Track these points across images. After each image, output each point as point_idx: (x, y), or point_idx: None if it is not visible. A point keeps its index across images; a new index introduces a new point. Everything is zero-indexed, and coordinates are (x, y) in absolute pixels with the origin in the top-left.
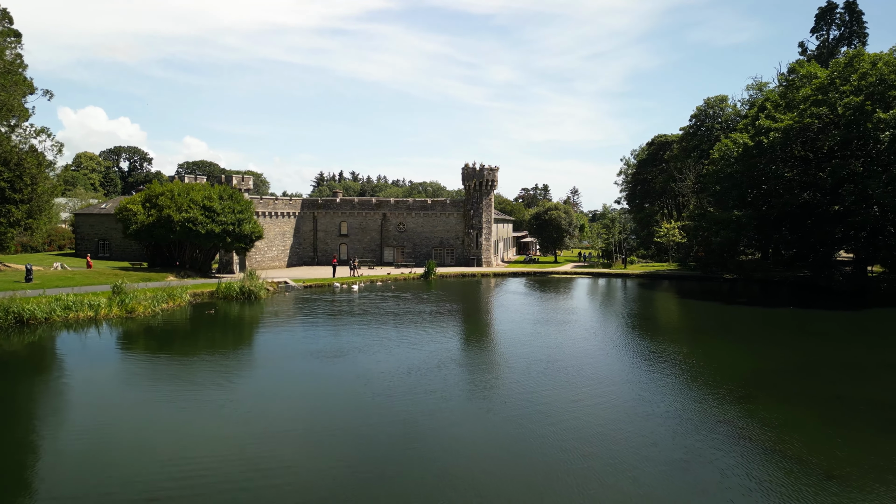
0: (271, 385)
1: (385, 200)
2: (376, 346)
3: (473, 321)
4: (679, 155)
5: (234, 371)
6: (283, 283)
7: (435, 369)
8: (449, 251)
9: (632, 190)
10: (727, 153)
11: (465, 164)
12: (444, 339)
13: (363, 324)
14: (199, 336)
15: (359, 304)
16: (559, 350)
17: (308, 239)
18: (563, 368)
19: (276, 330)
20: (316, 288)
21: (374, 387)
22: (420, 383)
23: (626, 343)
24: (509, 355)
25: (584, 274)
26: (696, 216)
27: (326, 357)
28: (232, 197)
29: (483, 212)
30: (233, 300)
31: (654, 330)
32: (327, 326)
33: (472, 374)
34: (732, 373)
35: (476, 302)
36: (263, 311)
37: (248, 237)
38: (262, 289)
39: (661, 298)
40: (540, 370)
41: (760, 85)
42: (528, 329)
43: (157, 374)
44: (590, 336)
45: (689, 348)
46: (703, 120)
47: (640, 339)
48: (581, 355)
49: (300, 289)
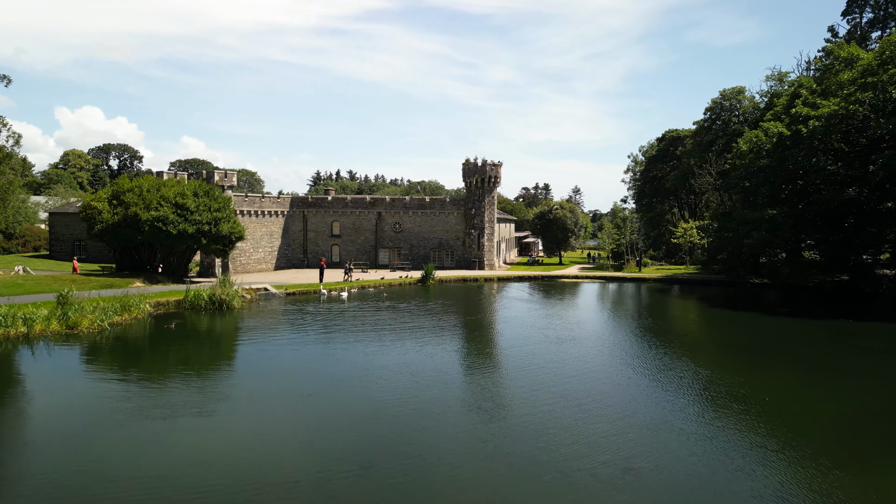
0: (228, 440)
1: (380, 198)
2: (366, 379)
3: (481, 341)
4: (693, 150)
5: (179, 414)
6: (262, 290)
7: (443, 414)
8: (449, 253)
9: (640, 188)
10: (758, 145)
11: (465, 160)
12: (451, 370)
13: (349, 344)
14: (139, 362)
15: (347, 316)
16: (580, 381)
17: (297, 240)
18: (588, 409)
19: (244, 353)
20: (300, 295)
21: (361, 456)
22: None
23: (663, 373)
24: (527, 393)
25: (594, 278)
26: (721, 215)
27: (301, 398)
28: (208, 194)
29: (485, 210)
30: (201, 311)
31: (694, 352)
32: (307, 347)
33: (487, 422)
34: (816, 417)
35: (481, 314)
36: (235, 325)
37: (226, 238)
38: (237, 297)
39: (688, 308)
40: (565, 411)
41: (781, 75)
42: (545, 352)
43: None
44: (617, 361)
45: (742, 378)
46: (719, 113)
47: (680, 365)
48: (609, 391)
49: (281, 296)
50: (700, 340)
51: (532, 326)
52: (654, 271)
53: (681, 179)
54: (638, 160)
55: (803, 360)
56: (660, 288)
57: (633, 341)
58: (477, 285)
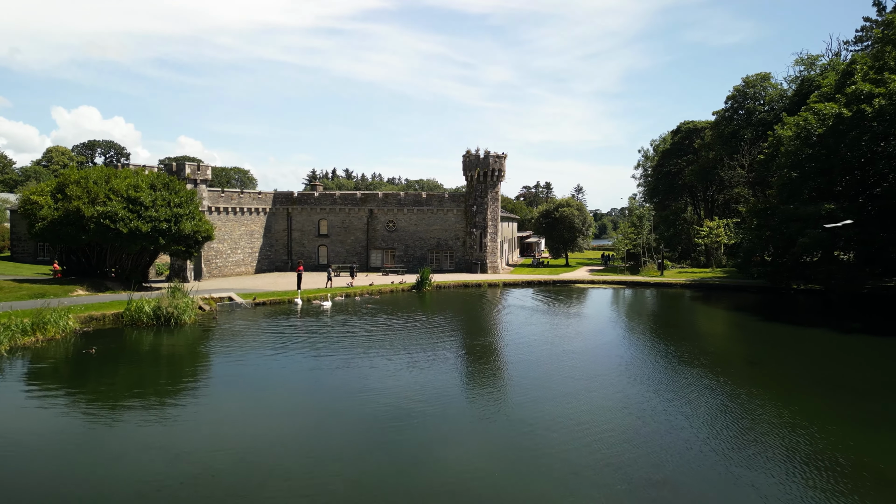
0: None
1: (372, 194)
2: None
3: (495, 385)
4: (713, 142)
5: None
6: (225, 300)
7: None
8: (447, 254)
9: (654, 184)
10: (806, 129)
11: (466, 151)
12: (459, 437)
13: (320, 388)
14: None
15: (323, 335)
16: (624, 437)
17: (281, 240)
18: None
19: (178, 396)
20: (271, 306)
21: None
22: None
23: (753, 437)
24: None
25: (612, 283)
26: (759, 211)
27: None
28: (168, 186)
29: (488, 207)
30: (143, 328)
31: (786, 395)
32: (262, 393)
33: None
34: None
35: (488, 334)
36: (174, 350)
37: (189, 238)
38: (189, 310)
39: (741, 325)
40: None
41: (812, 58)
42: (575, 402)
43: None
44: (676, 417)
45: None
46: (742, 102)
47: (774, 420)
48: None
49: (248, 307)
50: (789, 375)
51: (556, 356)
52: (677, 275)
53: (700, 174)
54: (649, 155)
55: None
56: (690, 295)
57: (691, 378)
58: (479, 292)
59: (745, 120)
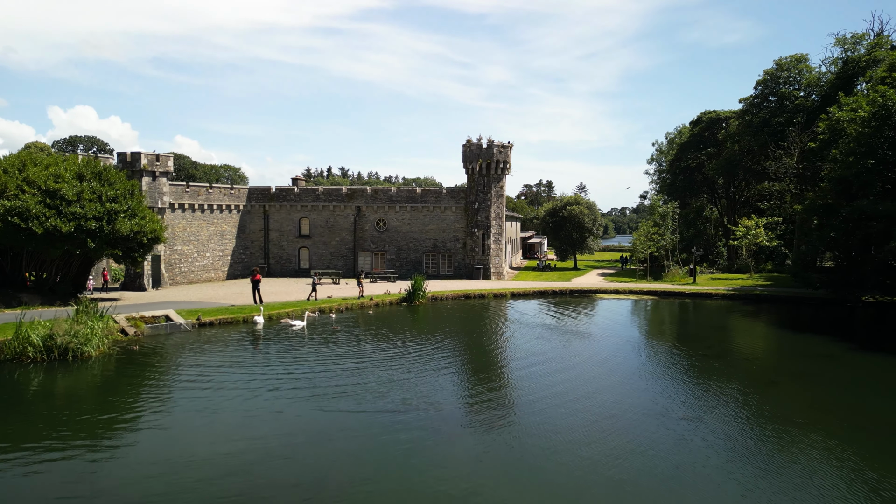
0: None
1: (359, 189)
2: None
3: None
4: (742, 132)
5: None
6: (161, 320)
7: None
8: (445, 257)
9: (671, 180)
10: (886, 108)
11: (467, 140)
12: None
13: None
14: None
15: (267, 392)
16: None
17: (257, 241)
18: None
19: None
20: (223, 327)
21: None
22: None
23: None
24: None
25: (639, 293)
26: (822, 209)
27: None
28: (101, 177)
29: (492, 204)
30: (28, 364)
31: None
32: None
33: None
34: None
35: (500, 373)
36: (56, 397)
37: (129, 240)
38: (97, 338)
39: (841, 358)
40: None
41: (857, 37)
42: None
43: None
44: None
45: None
46: (774, 87)
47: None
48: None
49: (188, 329)
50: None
51: (600, 427)
52: (710, 282)
53: (725, 168)
54: (663, 149)
55: None
56: (739, 310)
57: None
58: (483, 304)
59: (778, 107)
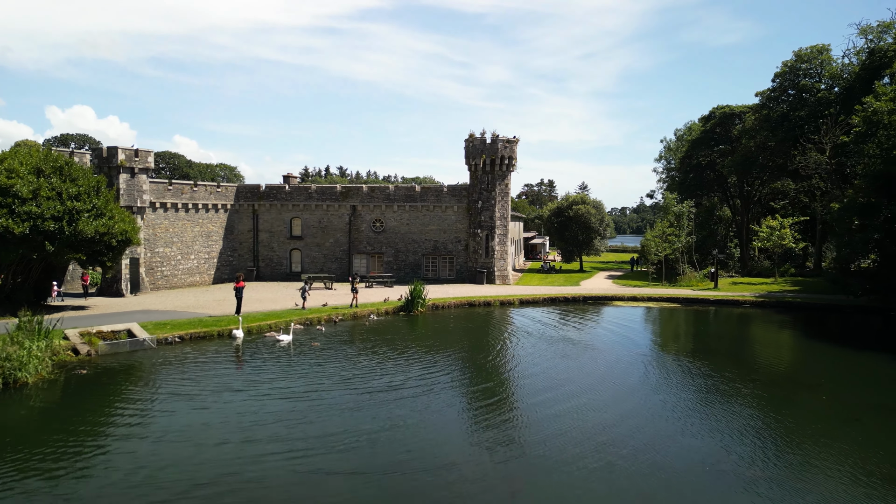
0: None
1: (355, 187)
2: None
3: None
4: (760, 127)
5: None
6: (122, 335)
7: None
8: (447, 260)
9: (681, 178)
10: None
11: (469, 134)
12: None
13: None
14: None
15: (220, 446)
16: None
17: (246, 243)
18: None
19: None
20: (195, 342)
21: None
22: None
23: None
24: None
25: (658, 299)
26: (862, 208)
27: None
28: (61, 172)
29: (496, 203)
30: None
31: None
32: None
33: None
34: None
35: (523, 415)
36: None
37: (93, 242)
38: (36, 360)
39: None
40: None
41: (885, 25)
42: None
43: None
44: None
45: None
46: (794, 79)
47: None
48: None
49: (152, 346)
50: None
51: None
52: (731, 286)
53: (742, 164)
54: (671, 146)
55: None
56: (775, 319)
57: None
58: (488, 313)
59: (798, 100)
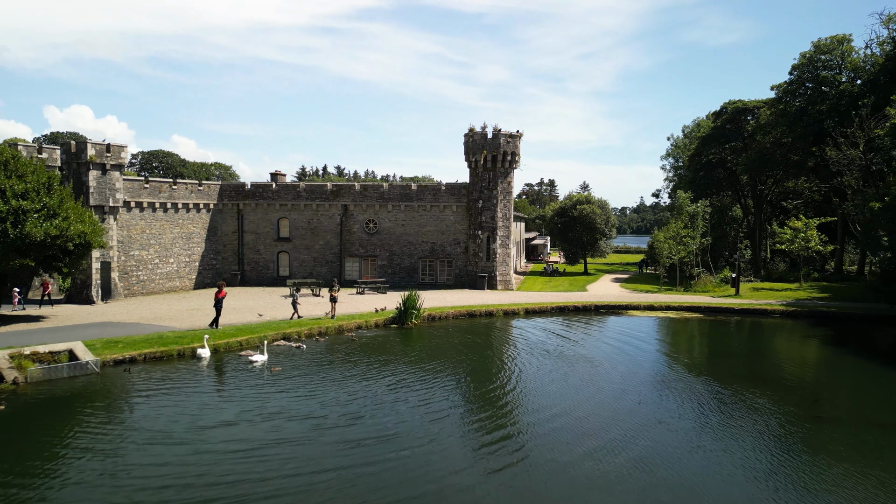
0: None
1: (346, 186)
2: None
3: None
4: (775, 122)
5: None
6: (62, 356)
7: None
8: (445, 263)
9: (690, 177)
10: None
11: (469, 129)
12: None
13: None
14: None
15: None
16: None
17: (230, 245)
18: None
19: None
20: (149, 364)
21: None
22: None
23: None
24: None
25: (677, 308)
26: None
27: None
28: (6, 167)
29: (498, 203)
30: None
31: None
32: None
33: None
34: None
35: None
36: None
37: (44, 246)
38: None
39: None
40: None
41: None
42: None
43: None
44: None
45: None
46: (814, 71)
47: None
48: None
49: (97, 370)
50: None
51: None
52: (753, 293)
53: (757, 162)
54: (679, 143)
55: None
56: (815, 334)
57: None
58: (491, 324)
59: (818, 94)
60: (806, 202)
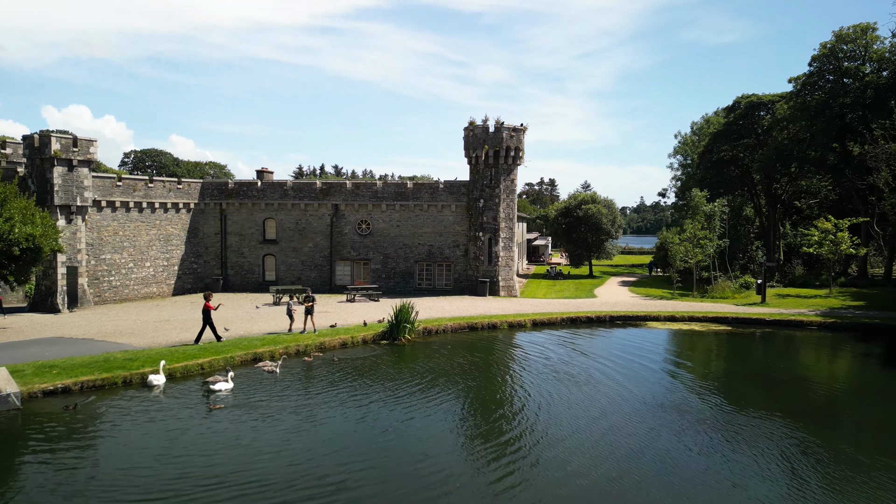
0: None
1: (337, 184)
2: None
3: None
4: (794, 116)
5: None
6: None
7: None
8: (443, 267)
9: (700, 175)
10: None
11: (469, 122)
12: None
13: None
14: None
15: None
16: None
17: (212, 247)
18: None
19: None
20: (85, 395)
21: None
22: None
23: None
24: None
25: (702, 319)
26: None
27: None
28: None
29: (501, 202)
30: None
31: None
32: None
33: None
34: None
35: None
36: None
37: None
38: None
39: None
40: None
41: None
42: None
43: None
44: None
45: None
46: (836, 63)
47: None
48: None
49: (18, 404)
50: None
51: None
52: (779, 300)
53: (774, 159)
54: (688, 140)
55: None
56: (864, 351)
57: None
58: (495, 339)
59: (840, 85)
60: (821, 202)
